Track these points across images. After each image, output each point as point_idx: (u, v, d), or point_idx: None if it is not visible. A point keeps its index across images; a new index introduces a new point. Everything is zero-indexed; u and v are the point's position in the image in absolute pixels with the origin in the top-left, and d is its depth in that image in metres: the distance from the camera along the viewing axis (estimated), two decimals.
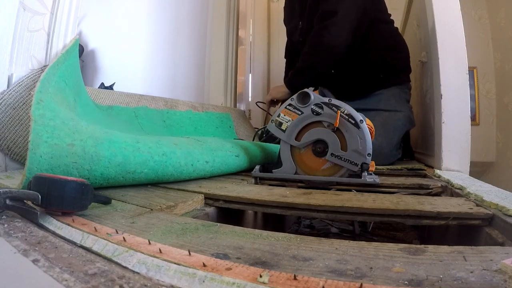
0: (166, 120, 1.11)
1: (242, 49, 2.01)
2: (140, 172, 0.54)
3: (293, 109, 0.70)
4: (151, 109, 1.08)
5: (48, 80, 0.56)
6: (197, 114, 1.24)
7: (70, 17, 0.77)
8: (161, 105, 1.15)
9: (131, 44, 2.17)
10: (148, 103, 1.10)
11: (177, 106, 1.21)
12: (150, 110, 1.07)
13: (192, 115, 1.22)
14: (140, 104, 1.07)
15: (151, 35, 2.13)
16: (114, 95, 1.02)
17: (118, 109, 0.97)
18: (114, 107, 0.96)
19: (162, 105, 1.16)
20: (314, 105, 0.68)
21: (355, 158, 0.66)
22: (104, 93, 1.00)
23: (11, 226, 0.32)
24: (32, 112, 0.45)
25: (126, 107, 1.00)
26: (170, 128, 1.09)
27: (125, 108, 1.00)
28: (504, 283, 0.22)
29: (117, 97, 1.02)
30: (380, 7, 1.22)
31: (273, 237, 0.32)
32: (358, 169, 0.66)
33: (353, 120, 0.66)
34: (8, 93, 0.64)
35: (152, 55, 2.10)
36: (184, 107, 1.24)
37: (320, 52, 1.13)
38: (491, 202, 0.44)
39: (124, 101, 1.03)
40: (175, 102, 1.22)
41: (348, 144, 0.66)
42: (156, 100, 1.16)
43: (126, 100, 1.04)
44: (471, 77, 1.70)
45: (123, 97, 1.04)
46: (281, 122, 0.71)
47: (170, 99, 1.23)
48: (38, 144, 0.43)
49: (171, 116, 1.14)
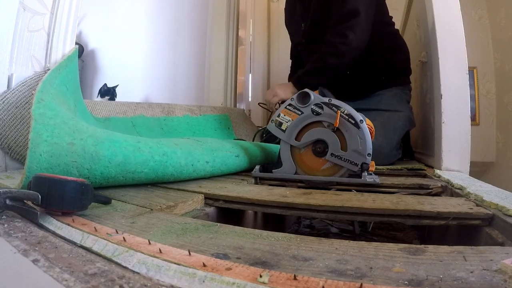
0: (164, 127, 1.11)
1: (242, 49, 2.01)
2: (140, 171, 0.54)
3: (293, 109, 0.70)
4: (148, 118, 1.09)
5: (50, 81, 0.56)
6: (194, 119, 1.24)
7: (70, 17, 0.77)
8: (158, 112, 1.15)
9: (131, 44, 2.17)
10: (145, 111, 1.11)
11: (174, 111, 1.21)
12: (147, 119, 1.08)
13: (190, 120, 1.22)
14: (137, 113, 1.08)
15: (151, 35, 2.13)
16: (110, 105, 1.04)
17: (115, 120, 0.98)
18: (111, 119, 0.97)
19: (159, 111, 1.16)
20: (314, 105, 0.68)
21: (355, 158, 0.66)
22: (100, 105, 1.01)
23: (11, 226, 0.32)
24: (33, 111, 0.45)
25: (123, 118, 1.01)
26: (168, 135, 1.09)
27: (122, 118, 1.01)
28: (504, 283, 0.22)
29: (114, 107, 1.03)
30: (383, 10, 1.22)
31: (273, 237, 0.32)
32: (358, 169, 0.66)
33: (353, 120, 0.66)
34: (12, 92, 0.64)
35: (152, 55, 2.10)
36: (182, 111, 1.23)
37: (346, 52, 1.10)
38: (491, 202, 0.44)
39: (121, 110, 1.04)
40: (172, 108, 1.23)
41: (348, 144, 0.66)
42: (153, 107, 1.16)
43: (122, 110, 1.05)
44: (471, 77, 1.70)
45: (119, 107, 1.05)
46: (281, 122, 0.71)
47: (167, 104, 1.23)
48: (38, 143, 0.43)
49: (169, 123, 1.14)
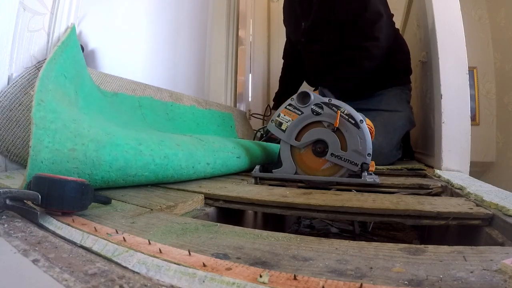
0: (169, 113, 1.10)
1: (242, 49, 2.01)
2: (141, 175, 0.54)
3: (293, 109, 0.70)
4: (156, 100, 1.07)
5: (47, 76, 0.55)
6: (200, 111, 1.23)
7: (70, 17, 0.77)
8: (166, 96, 1.13)
9: (131, 44, 2.17)
10: (153, 93, 1.09)
11: (182, 99, 1.20)
12: (154, 101, 1.06)
13: (196, 111, 1.21)
14: (146, 93, 1.05)
15: (151, 35, 2.12)
16: (120, 80, 0.99)
17: (123, 96, 0.94)
18: (119, 94, 0.94)
19: (167, 96, 1.14)
20: (314, 105, 0.68)
21: (355, 158, 0.66)
22: (110, 78, 0.96)
23: (11, 226, 0.32)
24: (33, 114, 0.44)
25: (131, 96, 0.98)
26: (173, 122, 1.08)
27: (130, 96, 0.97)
28: (504, 283, 0.22)
29: (123, 83, 0.99)
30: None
31: (273, 237, 0.32)
32: (358, 169, 0.66)
33: (353, 120, 0.66)
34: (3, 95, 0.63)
35: (152, 55, 2.10)
36: (189, 101, 1.23)
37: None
38: (491, 202, 0.44)
39: (130, 88, 1.00)
40: (180, 96, 1.21)
41: (348, 144, 0.66)
42: (162, 91, 1.14)
43: (132, 87, 1.01)
44: (471, 77, 1.70)
45: (129, 84, 1.01)
46: (281, 122, 0.71)
47: (175, 92, 1.21)
48: (39, 150, 0.42)
49: (175, 110, 1.13)
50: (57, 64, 0.61)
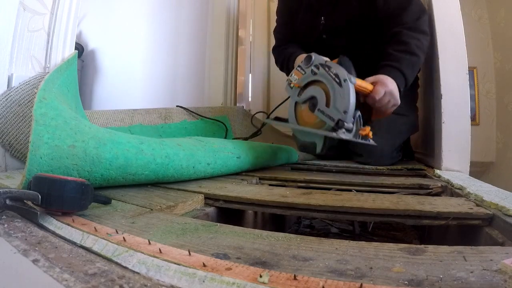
0: (162, 134, 1.13)
1: (242, 49, 2.01)
2: (141, 174, 0.54)
3: (301, 70, 0.80)
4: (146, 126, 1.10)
5: (52, 81, 0.56)
6: (192, 123, 1.25)
7: (70, 17, 0.77)
8: (155, 118, 1.17)
9: (131, 44, 2.17)
10: (142, 118, 1.13)
11: (171, 117, 1.22)
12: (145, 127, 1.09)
13: (187, 125, 1.23)
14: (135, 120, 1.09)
15: (151, 35, 2.12)
16: (107, 113, 1.05)
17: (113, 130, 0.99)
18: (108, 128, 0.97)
19: (157, 117, 1.18)
20: (314, 66, 0.77)
21: (333, 114, 0.72)
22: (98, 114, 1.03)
23: (11, 226, 0.32)
24: (34, 110, 0.44)
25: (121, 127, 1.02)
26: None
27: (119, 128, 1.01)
28: (504, 283, 0.22)
29: (111, 115, 1.05)
30: None
31: (273, 237, 0.32)
32: (334, 124, 0.71)
33: (338, 80, 0.71)
34: (15, 90, 0.65)
35: (152, 55, 2.10)
36: (179, 117, 1.24)
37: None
38: (491, 202, 0.44)
39: (118, 118, 1.05)
40: (169, 112, 1.23)
41: (332, 101, 0.72)
42: (150, 113, 1.17)
43: (120, 117, 1.06)
44: (471, 77, 1.70)
45: (117, 114, 1.06)
46: (291, 81, 0.82)
47: (164, 109, 1.23)
48: (38, 145, 0.42)
49: (166, 130, 1.15)
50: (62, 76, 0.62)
